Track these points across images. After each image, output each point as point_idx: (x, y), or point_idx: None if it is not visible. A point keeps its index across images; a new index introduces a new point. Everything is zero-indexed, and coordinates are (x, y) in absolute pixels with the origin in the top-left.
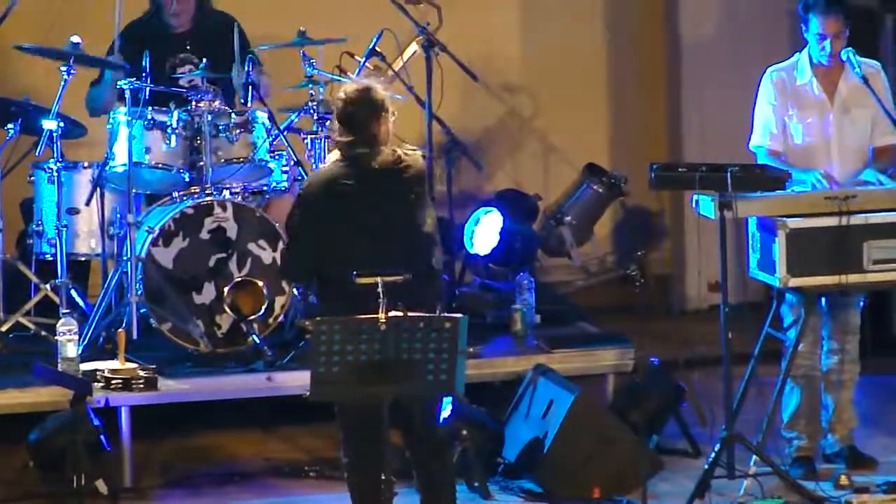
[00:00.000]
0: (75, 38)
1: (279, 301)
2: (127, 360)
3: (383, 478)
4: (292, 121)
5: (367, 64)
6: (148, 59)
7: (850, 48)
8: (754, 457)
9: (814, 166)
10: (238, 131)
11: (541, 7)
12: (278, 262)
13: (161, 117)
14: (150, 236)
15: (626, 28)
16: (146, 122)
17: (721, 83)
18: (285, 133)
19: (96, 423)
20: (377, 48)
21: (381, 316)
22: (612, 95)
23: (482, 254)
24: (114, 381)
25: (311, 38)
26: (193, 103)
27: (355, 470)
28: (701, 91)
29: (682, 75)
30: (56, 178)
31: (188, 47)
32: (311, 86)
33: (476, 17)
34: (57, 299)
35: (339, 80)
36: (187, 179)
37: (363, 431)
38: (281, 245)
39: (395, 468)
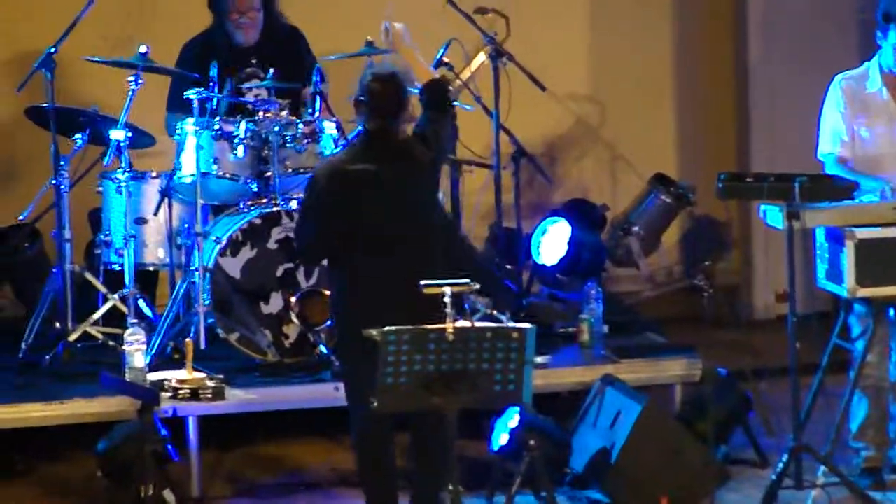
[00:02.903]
0: (143, 48)
1: None
2: (194, 369)
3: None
4: (360, 131)
5: (434, 73)
6: (216, 71)
7: None
8: (822, 467)
9: (882, 175)
10: (305, 141)
11: (609, 16)
12: None
13: (229, 128)
14: (218, 246)
15: (694, 37)
16: (214, 133)
17: (789, 92)
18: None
19: (163, 433)
20: (445, 58)
21: (449, 326)
22: (680, 105)
23: (550, 264)
24: (181, 391)
25: (378, 47)
26: (261, 114)
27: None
28: (769, 100)
29: (751, 84)
30: (124, 189)
31: (254, 60)
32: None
33: (544, 26)
34: (125, 309)
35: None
36: (255, 190)
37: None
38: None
39: None
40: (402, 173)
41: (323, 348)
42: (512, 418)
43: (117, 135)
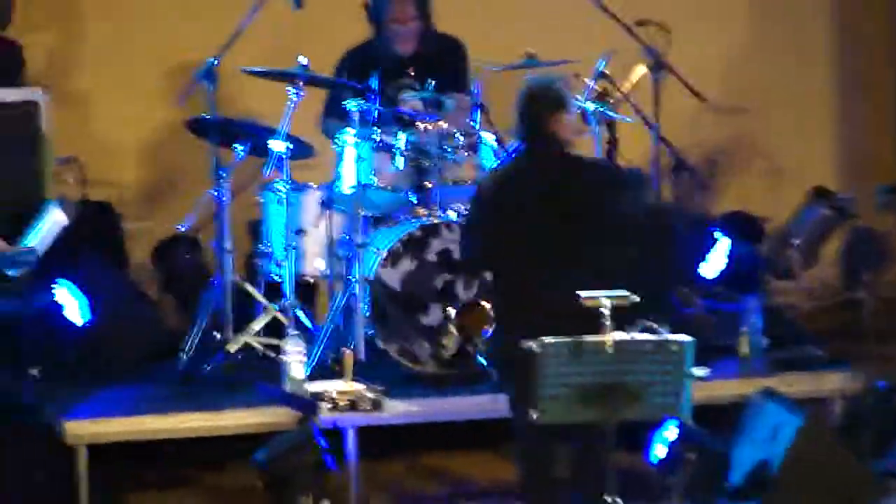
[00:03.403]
0: (303, 59)
1: None
2: (353, 380)
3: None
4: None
5: (595, 86)
6: (379, 82)
7: None
8: None
9: None
10: (465, 153)
11: (770, 29)
12: None
13: (388, 139)
14: (378, 257)
15: (854, 49)
16: (374, 144)
17: None
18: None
19: (322, 443)
20: (605, 70)
21: (608, 338)
22: (841, 116)
23: (709, 276)
24: (340, 402)
25: (538, 59)
26: (420, 125)
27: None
28: None
29: None
30: (284, 200)
31: (412, 71)
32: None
33: (705, 38)
34: (284, 320)
35: None
36: (414, 201)
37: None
38: None
39: None
40: (563, 185)
41: (482, 359)
42: (670, 430)
43: (277, 146)
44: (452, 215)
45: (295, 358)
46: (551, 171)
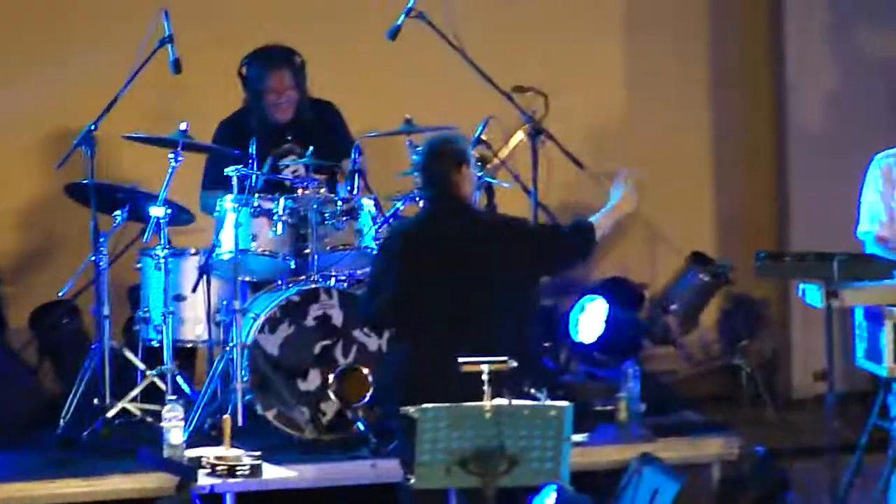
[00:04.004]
0: (183, 125)
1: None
2: (232, 446)
3: None
4: (398, 208)
5: (472, 152)
6: (254, 147)
7: None
8: None
9: None
10: (344, 218)
11: (646, 94)
12: (384, 349)
13: (267, 204)
14: (257, 323)
15: (732, 116)
16: (253, 210)
17: (828, 171)
18: (391, 221)
19: None
20: (483, 136)
21: (487, 403)
22: (718, 183)
23: (587, 342)
24: (219, 468)
25: (416, 125)
26: (299, 191)
27: None
28: (808, 179)
29: (789, 164)
30: (163, 265)
31: (290, 137)
32: (417, 174)
33: (581, 104)
34: (163, 386)
35: None
36: (293, 267)
37: None
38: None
39: None
40: (465, 239)
41: (360, 425)
42: (549, 496)
43: (157, 211)
44: (331, 282)
45: (173, 424)
46: (454, 226)
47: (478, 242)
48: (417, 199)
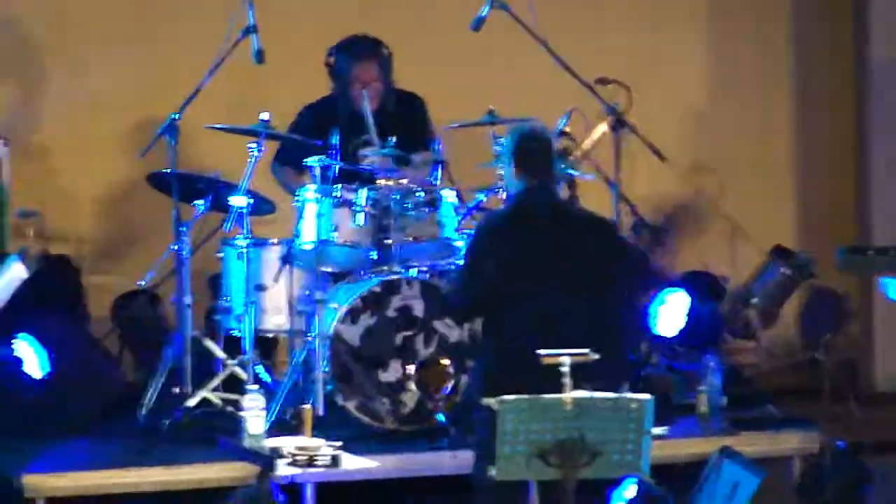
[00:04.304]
0: (265, 115)
1: (465, 379)
2: (312, 436)
3: None
4: (480, 200)
5: (555, 142)
6: (340, 138)
7: None
8: None
9: None
10: (426, 209)
11: (730, 88)
12: (465, 340)
13: (349, 195)
14: (338, 314)
15: (813, 109)
16: (335, 200)
17: None
18: (474, 212)
19: (281, 499)
20: (566, 128)
21: (567, 396)
22: (801, 177)
23: (668, 335)
24: (299, 458)
25: (499, 116)
26: (381, 181)
27: None
28: (891, 174)
29: (872, 158)
30: (244, 255)
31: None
32: (499, 165)
33: (666, 97)
34: (244, 375)
35: None
36: (375, 257)
37: None
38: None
39: None
40: (556, 235)
41: (440, 416)
42: (629, 489)
43: (239, 201)
44: (412, 272)
45: (254, 413)
46: (550, 220)
47: (574, 238)
48: (500, 190)
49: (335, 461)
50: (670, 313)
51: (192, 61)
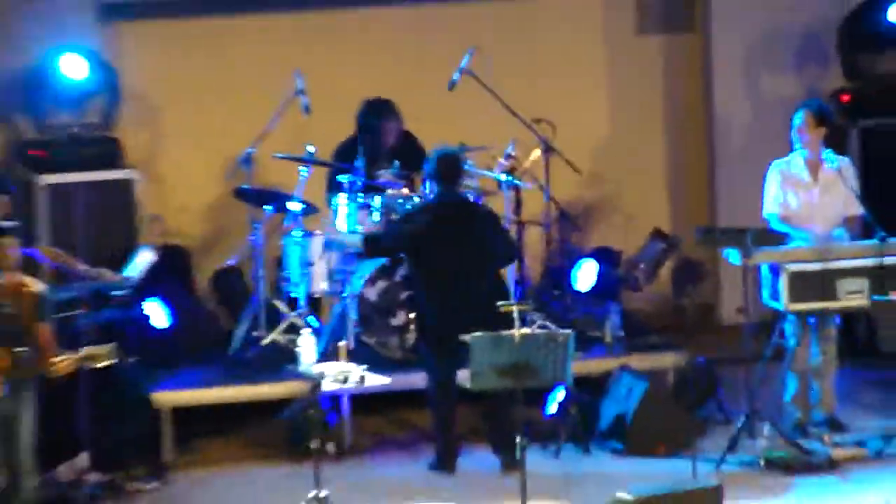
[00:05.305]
0: (311, 148)
1: None
2: (347, 363)
3: None
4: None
5: (505, 163)
6: (363, 163)
7: (829, 149)
8: (767, 424)
9: (805, 227)
10: None
11: (624, 122)
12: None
13: (368, 201)
14: (362, 280)
15: (680, 138)
16: (358, 205)
17: (746, 176)
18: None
19: (326, 406)
20: (512, 152)
21: (516, 332)
22: (671, 181)
23: (584, 290)
24: (337, 378)
25: (467, 146)
26: (389, 191)
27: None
28: (731, 181)
29: (717, 170)
30: (299, 242)
31: (389, 157)
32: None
33: (579, 128)
34: (300, 323)
35: (486, 175)
36: None
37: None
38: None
39: None
40: (461, 219)
41: None
42: (559, 393)
43: (294, 206)
44: None
45: (307, 349)
46: (455, 210)
47: (471, 221)
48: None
49: (362, 379)
50: (584, 275)
51: (262, 113)
